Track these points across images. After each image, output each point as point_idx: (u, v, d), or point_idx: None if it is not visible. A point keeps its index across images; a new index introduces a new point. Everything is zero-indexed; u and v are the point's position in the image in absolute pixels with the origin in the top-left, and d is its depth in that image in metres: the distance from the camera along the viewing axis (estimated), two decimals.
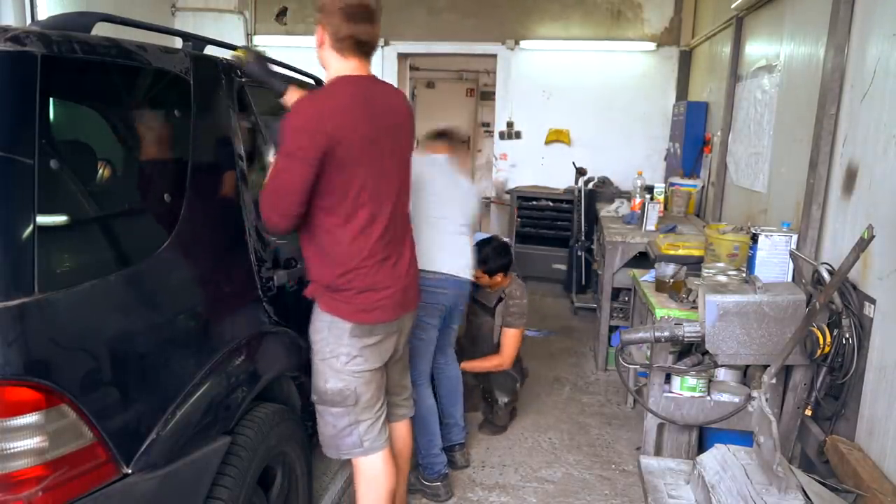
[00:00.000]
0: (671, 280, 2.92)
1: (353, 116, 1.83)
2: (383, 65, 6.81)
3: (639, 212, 4.37)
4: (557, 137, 6.75)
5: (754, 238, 2.70)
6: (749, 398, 2.46)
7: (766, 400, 1.91)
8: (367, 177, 1.87)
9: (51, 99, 1.41)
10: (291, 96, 2.02)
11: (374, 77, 1.99)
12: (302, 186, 1.77)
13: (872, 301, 2.15)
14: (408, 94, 8.26)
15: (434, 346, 2.82)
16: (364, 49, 1.92)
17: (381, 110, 1.93)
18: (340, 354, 1.92)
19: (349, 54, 1.90)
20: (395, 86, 2.04)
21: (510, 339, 3.33)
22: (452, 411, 3.06)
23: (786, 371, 2.48)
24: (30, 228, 1.31)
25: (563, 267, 6.16)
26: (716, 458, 1.98)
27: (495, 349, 3.39)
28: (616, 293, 4.33)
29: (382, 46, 6.81)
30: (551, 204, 6.42)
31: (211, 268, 1.85)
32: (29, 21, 4.71)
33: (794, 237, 2.67)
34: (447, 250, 2.73)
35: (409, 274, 2.05)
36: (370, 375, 1.98)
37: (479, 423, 3.44)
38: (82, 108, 1.67)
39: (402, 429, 2.35)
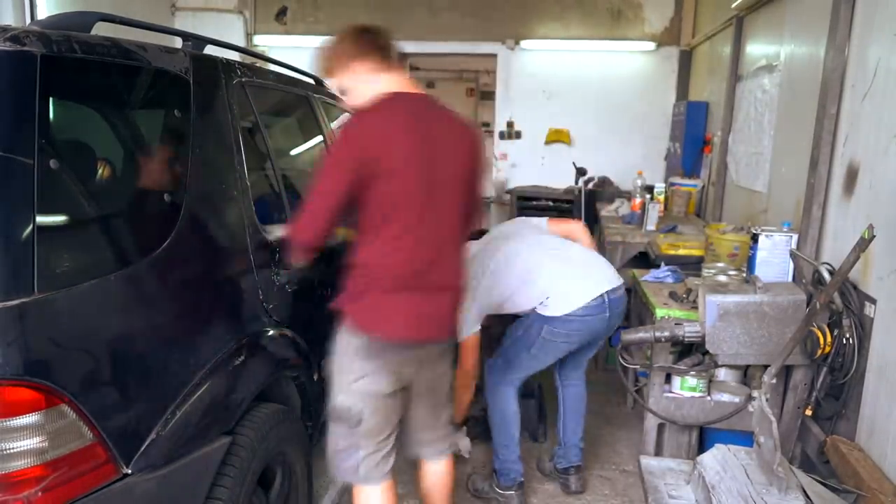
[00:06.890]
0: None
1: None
2: None
3: (639, 212, 4.37)
4: (557, 137, 6.74)
5: (754, 238, 2.70)
6: (749, 398, 2.47)
7: (767, 400, 1.91)
8: None
9: (50, 99, 1.40)
10: None
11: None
12: None
13: (873, 301, 2.15)
14: None
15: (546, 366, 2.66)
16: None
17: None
18: None
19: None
20: None
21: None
22: (571, 433, 2.83)
23: (786, 371, 2.48)
24: (29, 228, 1.31)
25: None
26: (716, 458, 1.98)
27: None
28: None
29: None
30: (551, 204, 6.41)
31: (210, 267, 1.84)
32: (28, 20, 4.70)
33: (795, 237, 2.67)
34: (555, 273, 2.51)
35: None
36: None
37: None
38: (82, 107, 1.67)
39: (436, 467, 2.18)
